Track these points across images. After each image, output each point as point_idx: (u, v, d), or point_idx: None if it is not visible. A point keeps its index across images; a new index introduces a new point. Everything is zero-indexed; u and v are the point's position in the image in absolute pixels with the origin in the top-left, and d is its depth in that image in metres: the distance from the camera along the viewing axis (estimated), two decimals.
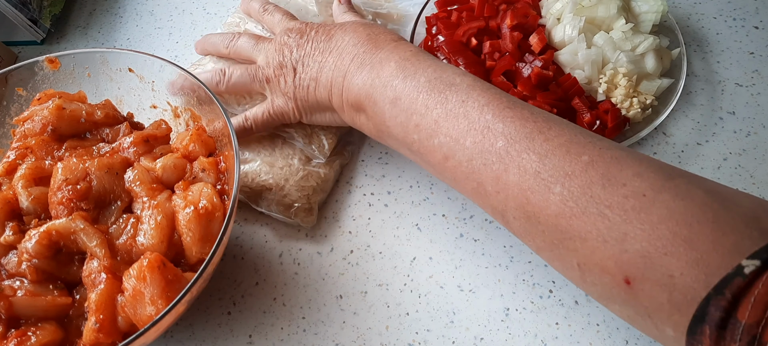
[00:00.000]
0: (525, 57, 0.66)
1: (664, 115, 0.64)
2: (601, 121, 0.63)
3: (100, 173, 0.50)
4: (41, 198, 0.50)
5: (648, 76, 0.66)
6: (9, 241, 0.48)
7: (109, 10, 0.89)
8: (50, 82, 0.61)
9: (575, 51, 0.66)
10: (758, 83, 0.71)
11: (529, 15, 0.69)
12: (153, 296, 0.44)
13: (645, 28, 0.68)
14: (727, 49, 0.74)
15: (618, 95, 0.64)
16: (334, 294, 0.60)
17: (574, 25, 0.66)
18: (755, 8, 0.78)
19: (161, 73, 0.59)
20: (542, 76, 0.64)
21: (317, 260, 0.62)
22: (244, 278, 0.61)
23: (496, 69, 0.66)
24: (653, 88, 0.66)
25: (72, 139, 0.55)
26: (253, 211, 0.65)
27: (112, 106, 0.59)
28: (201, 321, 0.59)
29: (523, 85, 0.64)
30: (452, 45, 0.68)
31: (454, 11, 0.72)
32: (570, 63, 0.66)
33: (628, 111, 0.64)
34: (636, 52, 0.66)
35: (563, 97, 0.64)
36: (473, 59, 0.67)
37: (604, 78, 0.65)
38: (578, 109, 0.64)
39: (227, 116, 0.53)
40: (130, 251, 0.48)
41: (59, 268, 0.48)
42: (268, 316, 0.59)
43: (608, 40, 0.66)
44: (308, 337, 0.57)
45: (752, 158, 0.65)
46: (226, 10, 0.86)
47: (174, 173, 0.53)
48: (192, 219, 0.48)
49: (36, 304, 0.46)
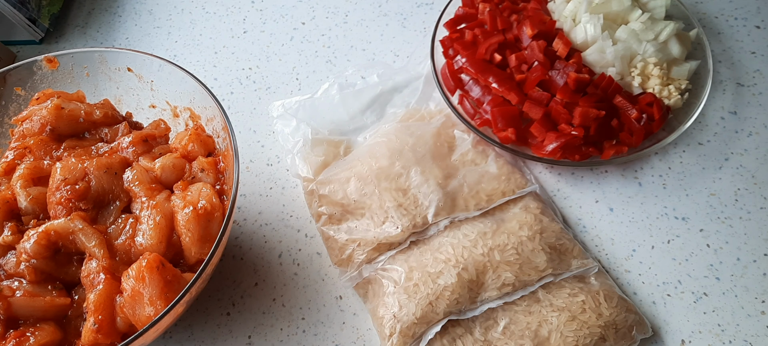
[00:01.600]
0: (555, 64, 0.65)
1: (704, 97, 0.64)
2: (647, 114, 0.63)
3: (99, 172, 0.50)
4: (40, 198, 0.50)
5: (676, 62, 0.66)
6: (7, 241, 0.48)
7: (108, 9, 0.89)
8: (49, 82, 0.61)
9: (602, 49, 0.65)
10: (760, 83, 0.71)
11: (545, 21, 0.69)
12: (152, 296, 0.44)
13: (659, 15, 0.68)
14: (728, 48, 0.74)
15: (654, 85, 0.64)
16: (333, 295, 0.59)
17: (594, 23, 0.66)
18: (757, 8, 0.77)
19: (160, 73, 0.59)
20: (581, 81, 0.63)
21: (317, 260, 0.62)
22: (244, 279, 0.61)
23: (530, 81, 0.65)
24: (684, 72, 0.66)
25: (71, 138, 0.55)
26: (253, 211, 0.65)
27: (110, 106, 0.58)
28: (200, 322, 0.59)
29: (562, 93, 0.63)
30: (477, 64, 0.67)
31: (466, 30, 0.71)
32: (599, 62, 0.66)
33: (669, 99, 0.64)
34: (659, 39, 0.66)
35: (603, 97, 0.63)
36: (502, 75, 0.66)
37: (636, 71, 0.65)
38: (622, 107, 0.63)
39: (226, 116, 0.53)
40: (129, 252, 0.48)
41: (58, 268, 0.48)
42: (267, 317, 0.58)
43: (631, 33, 0.66)
44: (308, 338, 0.57)
45: (754, 158, 0.65)
46: (226, 10, 0.86)
47: (173, 173, 0.52)
48: (191, 219, 0.48)
49: (34, 304, 0.46)
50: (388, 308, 0.54)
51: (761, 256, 0.59)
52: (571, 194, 0.64)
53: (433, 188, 0.60)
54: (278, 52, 0.80)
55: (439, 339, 0.53)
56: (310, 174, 0.64)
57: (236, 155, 0.51)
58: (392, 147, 0.63)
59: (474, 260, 0.55)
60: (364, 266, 0.58)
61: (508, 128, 0.63)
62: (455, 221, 0.59)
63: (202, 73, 0.79)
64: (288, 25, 0.83)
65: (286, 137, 0.68)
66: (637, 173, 0.65)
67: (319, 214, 0.62)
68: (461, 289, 0.54)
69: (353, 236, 0.59)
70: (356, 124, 0.70)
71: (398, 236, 0.58)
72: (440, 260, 0.56)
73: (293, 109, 0.70)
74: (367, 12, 0.83)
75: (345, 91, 0.72)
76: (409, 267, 0.56)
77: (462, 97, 0.69)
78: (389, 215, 0.59)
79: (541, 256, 0.56)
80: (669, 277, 0.59)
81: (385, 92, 0.72)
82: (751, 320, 0.56)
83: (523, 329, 0.53)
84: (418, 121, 0.68)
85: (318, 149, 0.66)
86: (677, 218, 0.62)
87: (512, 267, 0.55)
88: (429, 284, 0.54)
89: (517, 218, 0.59)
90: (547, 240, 0.57)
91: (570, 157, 0.62)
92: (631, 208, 0.63)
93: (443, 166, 0.63)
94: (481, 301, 0.55)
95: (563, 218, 0.63)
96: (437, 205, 0.59)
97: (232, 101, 0.75)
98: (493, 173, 0.63)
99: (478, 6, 0.73)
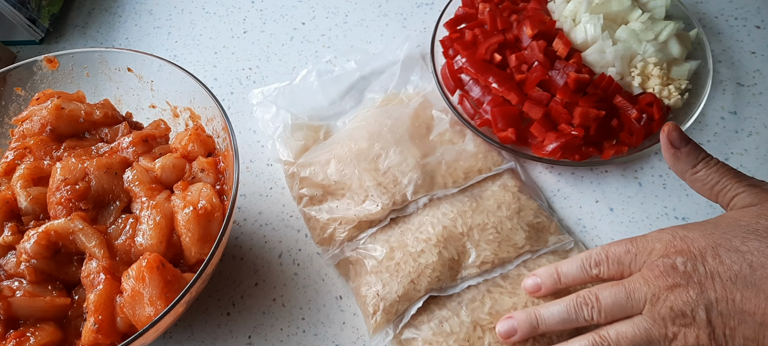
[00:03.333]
0: (555, 64, 0.65)
1: (704, 97, 0.64)
2: (646, 114, 0.63)
3: (99, 172, 0.50)
4: (40, 198, 0.50)
5: (676, 62, 0.67)
6: (8, 241, 0.48)
7: (108, 9, 0.89)
8: (49, 82, 0.61)
9: (602, 49, 0.65)
10: (760, 83, 0.71)
11: (545, 21, 0.69)
12: (152, 296, 0.44)
13: (659, 14, 0.68)
14: (728, 48, 0.74)
15: (654, 85, 0.64)
16: (334, 295, 0.59)
17: (594, 23, 0.66)
18: (757, 8, 0.77)
19: (160, 73, 0.59)
20: (581, 81, 0.63)
21: (317, 260, 0.62)
22: (244, 279, 0.61)
23: (530, 81, 0.65)
24: (684, 72, 0.66)
25: (71, 139, 0.55)
26: (253, 211, 0.65)
27: (110, 106, 0.58)
28: (200, 322, 0.59)
29: (562, 93, 0.63)
30: (477, 64, 0.67)
31: (466, 30, 0.71)
32: (599, 62, 0.66)
33: (669, 99, 0.64)
34: (659, 39, 0.66)
35: (603, 97, 0.64)
36: (502, 75, 0.66)
37: (635, 71, 0.65)
38: (622, 107, 0.64)
39: (226, 116, 0.53)
40: (129, 252, 0.48)
41: (58, 268, 0.48)
42: (267, 317, 0.58)
43: (631, 33, 0.66)
44: (308, 338, 0.57)
45: (754, 158, 0.65)
46: (226, 10, 0.86)
47: (173, 173, 0.52)
48: (191, 219, 0.48)
49: (35, 305, 0.46)
50: (371, 286, 0.56)
51: None
52: (571, 194, 0.64)
53: (411, 167, 0.61)
54: (278, 52, 0.80)
55: (427, 322, 0.54)
56: (291, 157, 0.66)
57: (236, 155, 0.51)
58: (371, 130, 0.65)
59: (454, 239, 0.57)
60: (345, 244, 0.59)
61: (508, 128, 0.63)
62: (434, 198, 0.61)
63: (202, 73, 0.79)
64: (288, 25, 0.83)
65: (266, 123, 0.70)
66: (637, 173, 0.65)
67: (301, 196, 0.63)
68: (442, 267, 0.56)
69: (334, 215, 0.60)
70: (335, 109, 0.71)
71: (378, 213, 0.59)
72: (421, 240, 0.57)
73: (272, 96, 0.71)
74: (367, 12, 0.83)
75: (323, 78, 0.72)
76: (390, 247, 0.57)
77: (462, 97, 0.69)
78: (369, 193, 0.60)
79: (520, 234, 0.58)
80: None
81: (364, 78, 0.73)
82: None
83: (509, 309, 0.54)
84: (397, 105, 0.69)
85: (298, 134, 0.68)
86: (677, 218, 0.62)
87: (491, 245, 0.57)
88: (410, 263, 0.56)
89: (495, 196, 0.61)
90: (525, 219, 0.59)
91: (570, 157, 0.62)
92: (631, 208, 0.63)
93: (421, 146, 0.64)
94: (461, 279, 0.56)
95: (548, 203, 0.64)
96: (416, 183, 0.60)
97: (232, 101, 0.76)
98: (471, 151, 0.64)
99: (478, 6, 0.73)
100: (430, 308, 0.55)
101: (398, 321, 0.55)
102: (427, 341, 0.53)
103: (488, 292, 0.56)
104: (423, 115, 0.68)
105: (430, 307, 0.55)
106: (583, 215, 0.63)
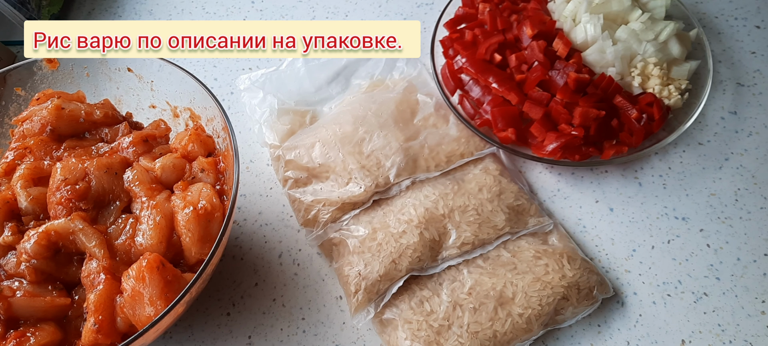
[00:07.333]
0: (555, 64, 0.65)
1: (704, 97, 0.64)
2: (647, 114, 0.63)
3: (99, 172, 0.50)
4: (40, 198, 0.50)
5: (676, 62, 0.67)
6: (8, 241, 0.48)
7: (108, 9, 0.89)
8: (49, 82, 0.61)
9: (602, 49, 0.65)
10: (760, 83, 0.71)
11: (545, 21, 0.68)
12: (152, 296, 0.44)
13: (659, 15, 0.68)
14: (728, 48, 0.74)
15: (654, 85, 0.64)
16: (334, 295, 0.59)
17: (594, 23, 0.66)
18: (757, 8, 0.77)
19: (160, 73, 0.59)
20: (581, 81, 0.63)
21: (317, 260, 0.62)
22: (244, 279, 0.61)
23: (530, 81, 0.65)
24: (685, 72, 0.66)
25: (71, 139, 0.55)
26: (253, 211, 0.65)
27: (111, 106, 0.58)
28: (200, 322, 0.59)
29: (562, 93, 0.63)
30: (477, 64, 0.67)
31: (466, 30, 0.71)
32: (599, 62, 0.66)
33: (669, 99, 0.65)
34: (659, 39, 0.66)
35: (603, 97, 0.64)
36: (502, 75, 0.66)
37: (636, 71, 0.65)
38: (622, 107, 0.64)
39: (226, 116, 0.53)
40: (129, 252, 0.48)
41: (58, 268, 0.48)
42: (267, 317, 0.58)
43: (631, 33, 0.66)
44: (308, 338, 0.57)
45: (754, 158, 0.65)
46: (226, 10, 0.86)
47: (173, 173, 0.52)
48: (191, 219, 0.48)
49: (35, 305, 0.46)
50: (353, 266, 0.57)
51: (761, 256, 0.59)
52: (571, 194, 0.64)
53: (394, 150, 0.62)
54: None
55: (408, 302, 0.55)
56: (277, 141, 0.67)
57: (236, 155, 0.51)
58: (356, 114, 0.65)
59: (435, 221, 0.58)
60: (329, 226, 0.60)
61: (508, 128, 0.63)
62: (417, 181, 0.62)
63: (202, 73, 0.79)
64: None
65: (253, 108, 0.70)
66: (637, 173, 0.65)
67: (286, 178, 0.64)
68: (423, 248, 0.56)
69: (318, 196, 0.61)
70: (322, 95, 0.72)
71: (361, 195, 0.60)
72: (403, 221, 0.58)
73: (259, 81, 0.72)
74: (367, 12, 0.83)
75: (310, 63, 0.73)
76: (372, 228, 0.58)
77: (462, 97, 0.69)
78: (353, 176, 0.61)
79: (501, 216, 0.59)
80: (669, 277, 0.59)
81: (350, 64, 0.74)
82: (752, 320, 0.56)
83: (488, 289, 0.55)
84: (383, 90, 0.70)
85: (284, 118, 0.68)
86: (677, 218, 0.62)
87: (472, 227, 0.58)
88: (392, 243, 0.57)
89: (476, 179, 0.61)
90: (506, 201, 0.60)
91: (570, 157, 0.62)
92: (631, 208, 0.63)
93: (405, 130, 0.65)
94: (442, 259, 0.57)
95: (529, 186, 0.65)
96: (399, 166, 0.61)
97: (232, 101, 0.76)
98: (454, 135, 0.65)
99: (478, 6, 0.73)
100: (411, 288, 0.56)
101: (379, 300, 0.55)
102: (407, 319, 0.54)
103: (468, 272, 0.56)
104: (408, 100, 0.69)
105: (411, 287, 0.56)
106: (583, 215, 0.63)
